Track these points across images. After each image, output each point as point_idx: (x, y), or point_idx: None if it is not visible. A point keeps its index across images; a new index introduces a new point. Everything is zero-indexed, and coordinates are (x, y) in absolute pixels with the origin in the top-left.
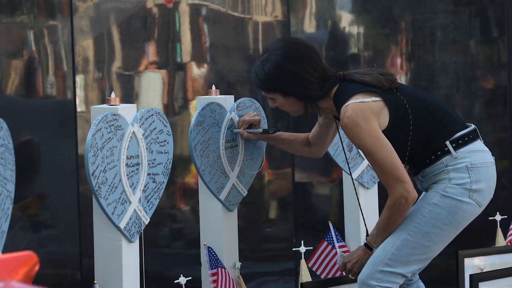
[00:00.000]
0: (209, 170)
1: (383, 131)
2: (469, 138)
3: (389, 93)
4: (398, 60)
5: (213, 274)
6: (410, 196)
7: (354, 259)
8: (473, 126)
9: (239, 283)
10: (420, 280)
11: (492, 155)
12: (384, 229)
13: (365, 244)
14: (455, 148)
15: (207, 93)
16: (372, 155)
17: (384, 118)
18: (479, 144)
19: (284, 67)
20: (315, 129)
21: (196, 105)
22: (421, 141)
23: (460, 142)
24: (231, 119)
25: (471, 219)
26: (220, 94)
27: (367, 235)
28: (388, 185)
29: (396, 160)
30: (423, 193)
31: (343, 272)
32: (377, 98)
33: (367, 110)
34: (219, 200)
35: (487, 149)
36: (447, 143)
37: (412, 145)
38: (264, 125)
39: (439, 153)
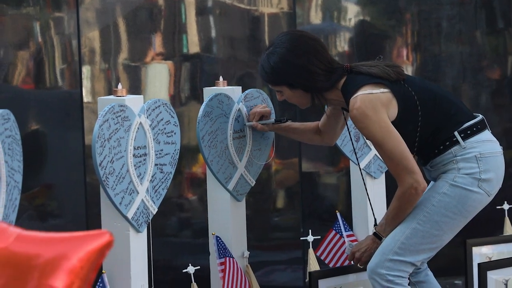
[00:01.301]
0: (217, 161)
1: (392, 123)
2: (477, 128)
3: (396, 84)
4: (404, 51)
5: (221, 264)
6: (420, 186)
7: (363, 248)
8: (481, 116)
9: (248, 272)
10: (428, 269)
11: (500, 145)
12: (394, 219)
13: (374, 234)
14: (464, 138)
15: (214, 84)
16: (382, 146)
17: (393, 109)
18: (487, 134)
19: (290, 60)
20: (324, 119)
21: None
22: (429, 132)
23: (469, 132)
24: (239, 110)
25: (480, 209)
26: (227, 85)
27: (375, 224)
28: (398, 176)
29: (405, 151)
30: (432, 182)
31: (352, 262)
32: (385, 90)
33: (376, 101)
34: (227, 190)
35: (495, 139)
36: (456, 133)
37: (421, 135)
38: (273, 115)
39: (447, 143)
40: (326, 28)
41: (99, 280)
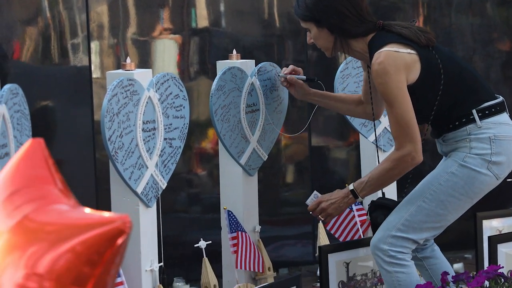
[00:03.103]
0: (230, 135)
1: (412, 85)
2: (496, 110)
3: (424, 49)
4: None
5: (233, 238)
6: (417, 157)
7: (332, 200)
8: (501, 98)
9: (259, 246)
10: (435, 244)
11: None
12: (378, 179)
13: (351, 190)
14: (481, 118)
15: (225, 58)
16: (392, 106)
17: (415, 72)
18: (505, 117)
19: None
20: (363, 88)
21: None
22: (448, 104)
23: (487, 112)
24: (252, 83)
25: (487, 191)
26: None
27: (383, 196)
28: (399, 140)
29: (413, 120)
30: (443, 159)
31: (311, 212)
32: (413, 51)
33: (400, 61)
34: (240, 164)
35: None
36: (474, 111)
37: (439, 106)
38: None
39: (464, 120)
40: None
41: None
